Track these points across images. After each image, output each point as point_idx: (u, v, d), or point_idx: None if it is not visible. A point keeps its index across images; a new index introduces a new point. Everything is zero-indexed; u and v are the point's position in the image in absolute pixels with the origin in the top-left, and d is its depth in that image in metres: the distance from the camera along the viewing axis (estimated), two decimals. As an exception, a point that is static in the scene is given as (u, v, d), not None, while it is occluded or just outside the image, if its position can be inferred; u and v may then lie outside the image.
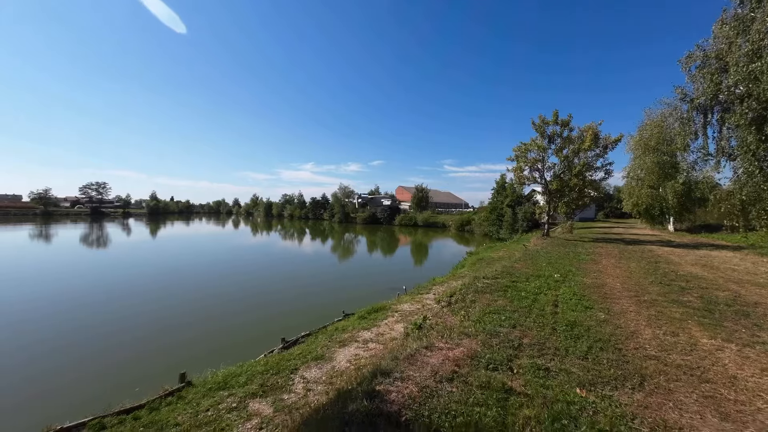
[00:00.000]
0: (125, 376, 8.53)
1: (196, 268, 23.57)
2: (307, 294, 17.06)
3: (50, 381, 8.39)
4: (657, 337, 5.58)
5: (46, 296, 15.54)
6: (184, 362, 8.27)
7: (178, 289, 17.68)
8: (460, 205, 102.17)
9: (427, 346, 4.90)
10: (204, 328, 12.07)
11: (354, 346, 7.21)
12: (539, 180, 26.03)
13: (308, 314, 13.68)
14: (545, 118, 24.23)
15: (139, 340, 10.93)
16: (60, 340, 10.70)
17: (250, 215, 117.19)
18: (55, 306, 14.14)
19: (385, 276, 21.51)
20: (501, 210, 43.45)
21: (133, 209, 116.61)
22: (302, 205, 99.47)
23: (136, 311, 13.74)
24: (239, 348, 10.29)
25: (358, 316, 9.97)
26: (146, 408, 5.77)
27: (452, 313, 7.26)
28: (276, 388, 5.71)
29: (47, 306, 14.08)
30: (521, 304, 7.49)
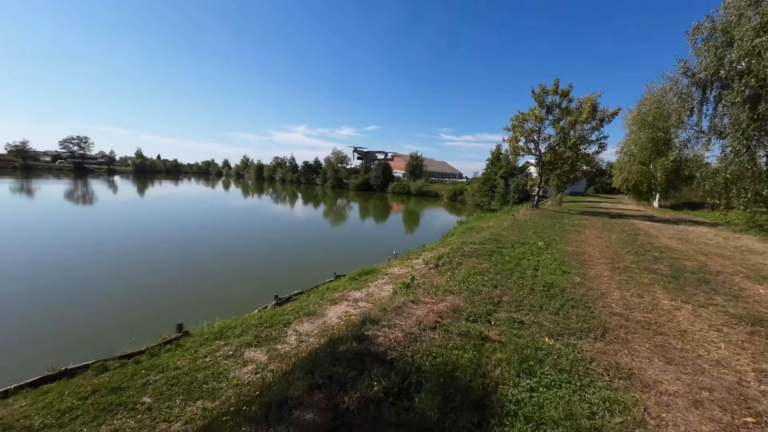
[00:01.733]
0: (123, 329, 8.90)
1: (188, 228, 23.60)
2: (300, 256, 17.47)
3: (45, 337, 8.73)
4: (624, 298, 6.09)
5: (46, 251, 15.56)
6: (180, 316, 8.64)
7: (171, 247, 17.84)
8: (454, 175, 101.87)
9: (414, 300, 5.26)
10: (198, 286, 12.44)
11: (344, 304, 7.62)
12: (534, 151, 26.02)
13: (301, 275, 14.12)
14: (546, 87, 23.69)
15: (135, 295, 11.25)
16: (61, 294, 10.95)
17: (240, 177, 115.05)
18: (56, 262, 14.25)
19: (377, 242, 21.98)
20: (494, 181, 43.69)
21: (118, 166, 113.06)
22: (294, 169, 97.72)
23: (130, 268, 13.97)
24: (233, 304, 10.70)
25: (349, 278, 10.36)
26: (146, 354, 6.14)
27: (439, 274, 7.66)
28: (270, 339, 6.11)
29: (49, 261, 14.18)
30: (504, 268, 7.92)
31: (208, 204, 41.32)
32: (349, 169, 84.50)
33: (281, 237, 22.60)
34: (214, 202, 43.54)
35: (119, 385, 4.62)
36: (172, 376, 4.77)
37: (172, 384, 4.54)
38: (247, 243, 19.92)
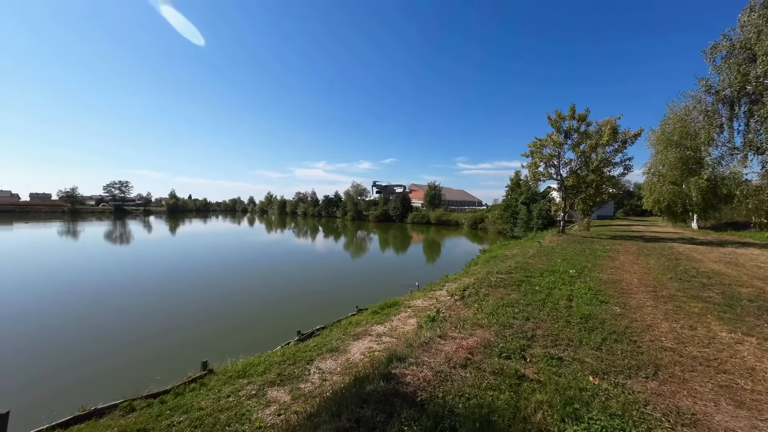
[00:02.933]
0: (150, 364, 8.99)
1: (213, 264, 24.33)
2: (322, 289, 17.39)
3: (78, 370, 8.94)
4: (674, 331, 5.52)
5: (74, 290, 16.42)
6: (205, 351, 8.67)
7: (197, 282, 18.32)
8: (473, 202, 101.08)
9: (441, 335, 5.01)
10: (222, 321, 12.52)
11: (368, 339, 7.39)
12: (555, 176, 25.56)
13: (322, 309, 13.98)
14: (561, 113, 23.75)
15: (161, 332, 11.45)
16: (85, 333, 11.34)
17: (264, 213, 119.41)
18: (83, 300, 14.94)
19: (398, 273, 21.65)
20: (515, 207, 42.85)
21: (153, 207, 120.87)
22: (315, 203, 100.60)
23: (157, 305, 14.38)
24: (257, 340, 10.66)
25: (372, 311, 10.14)
26: (171, 393, 6.11)
27: (465, 306, 7.34)
28: (293, 377, 5.95)
29: (75, 300, 14.90)
30: (535, 298, 7.49)
31: (233, 240, 42.76)
32: (368, 201, 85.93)
33: (303, 270, 22.76)
34: (239, 238, 45.02)
35: (144, 427, 4.57)
36: (196, 417, 4.67)
37: (195, 426, 4.44)
38: (269, 277, 20.16)
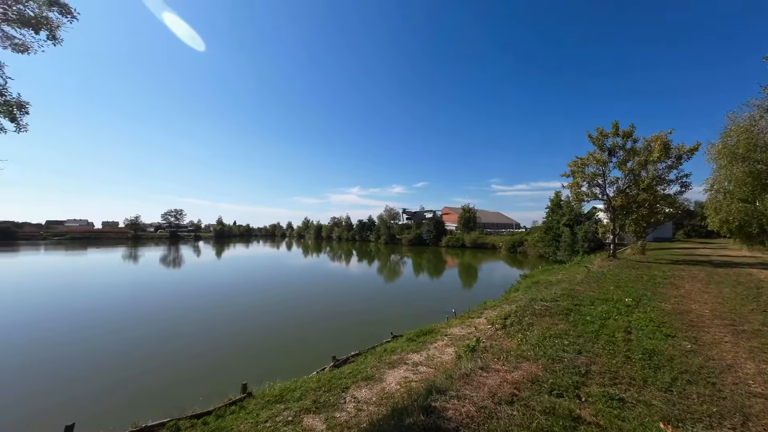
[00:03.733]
0: (193, 385, 9.34)
1: (253, 288, 25.35)
2: (356, 314, 17.30)
3: (132, 387, 9.51)
4: (764, 372, 4.70)
5: (129, 310, 17.86)
6: (244, 375, 8.87)
7: (239, 305, 19.10)
8: (510, 225, 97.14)
9: (483, 367, 4.70)
10: (261, 343, 12.81)
11: (403, 368, 7.14)
12: (600, 196, 23.96)
13: (356, 334, 13.84)
14: (603, 131, 22.61)
15: (204, 352, 11.95)
16: (137, 351, 12.14)
17: (301, 237, 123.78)
18: (136, 320, 16.16)
19: (433, 298, 21.01)
20: (557, 230, 40.43)
21: (203, 233, 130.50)
22: (349, 228, 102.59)
23: (202, 325, 15.12)
24: (293, 363, 10.75)
25: (407, 338, 9.86)
26: (213, 415, 6.28)
27: (508, 336, 6.87)
28: (328, 405, 5.86)
29: (130, 320, 16.16)
30: (587, 329, 6.84)
31: (272, 264, 44.53)
32: (401, 225, 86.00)
33: (337, 294, 22.90)
34: (277, 262, 46.78)
35: (188, 448, 4.68)
36: (235, 441, 4.72)
37: (235, 451, 4.46)
38: (305, 300, 20.51)
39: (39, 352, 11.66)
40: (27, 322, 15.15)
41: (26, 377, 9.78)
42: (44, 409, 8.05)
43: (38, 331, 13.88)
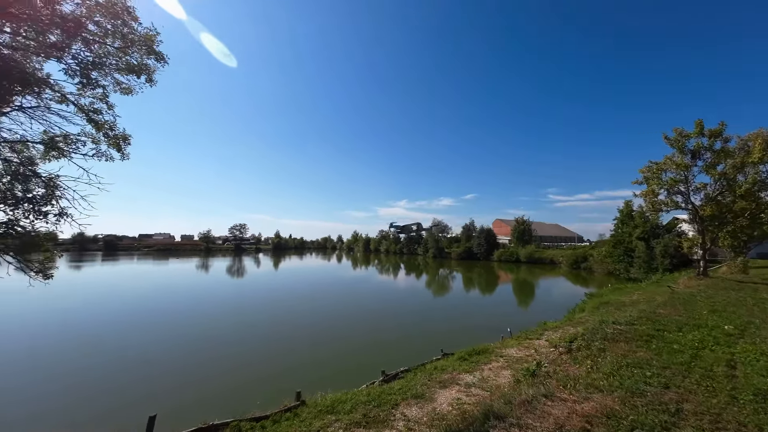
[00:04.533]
0: (252, 387, 9.93)
1: (305, 298, 26.50)
2: (404, 328, 17.06)
3: (201, 385, 10.41)
4: None
5: (199, 315, 19.78)
6: (296, 382, 9.21)
7: (292, 314, 20.07)
8: (571, 238, 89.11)
9: (547, 394, 4.26)
10: (314, 353, 13.23)
11: (455, 388, 6.83)
12: (683, 205, 20.87)
13: (404, 349, 13.60)
14: (683, 131, 19.89)
15: (262, 357, 12.69)
16: (205, 353, 13.30)
17: (351, 250, 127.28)
18: (203, 324, 17.81)
19: (485, 316, 19.89)
20: (629, 244, 35.93)
21: (262, 246, 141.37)
22: (397, 241, 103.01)
23: (261, 332, 16.13)
24: (342, 374, 10.90)
25: (458, 357, 9.45)
26: (270, 419, 6.58)
27: (574, 362, 6.17)
28: (378, 420, 5.79)
29: (199, 324, 17.86)
30: (674, 360, 5.86)
31: (323, 275, 46.32)
32: (449, 238, 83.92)
33: (385, 307, 22.88)
34: (328, 274, 48.53)
35: (248, 450, 4.93)
36: (289, 448, 4.86)
37: (289, 458, 4.59)
38: (354, 312, 20.82)
39: (127, 348, 13.43)
40: (125, 321, 17.65)
41: (119, 369, 11.30)
42: (129, 401, 9.17)
43: (131, 331, 16.07)
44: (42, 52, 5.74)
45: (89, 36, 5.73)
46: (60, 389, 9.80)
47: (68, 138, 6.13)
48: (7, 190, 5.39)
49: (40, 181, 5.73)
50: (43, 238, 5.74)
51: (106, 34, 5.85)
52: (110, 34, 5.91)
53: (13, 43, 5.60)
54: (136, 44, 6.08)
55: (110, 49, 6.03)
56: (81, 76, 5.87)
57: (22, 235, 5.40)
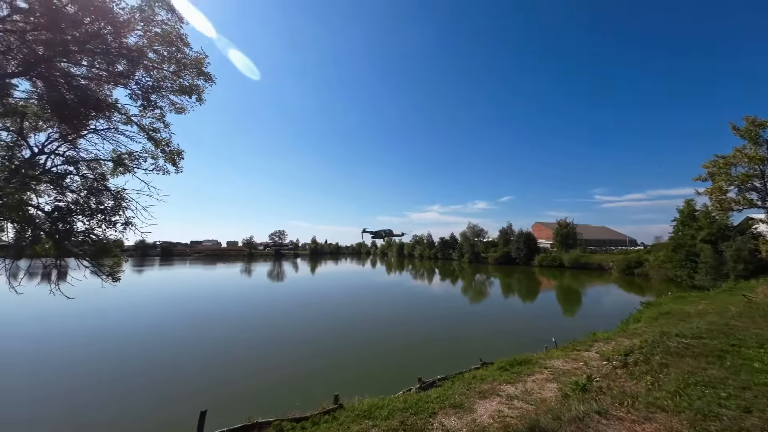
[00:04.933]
0: (292, 387, 10.25)
1: (340, 303, 26.98)
2: (439, 334, 16.70)
3: (245, 383, 10.95)
4: None
5: (240, 317, 20.88)
6: (334, 384, 9.37)
7: (328, 318, 20.51)
8: (622, 241, 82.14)
9: (601, 411, 3.91)
10: (349, 356, 13.38)
11: (496, 400, 6.55)
12: (759, 203, 18.37)
13: (441, 356, 13.31)
14: (757, 119, 17.61)
15: (301, 357, 13.07)
16: (247, 352, 13.98)
17: (385, 255, 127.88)
18: (246, 325, 18.76)
19: (526, 324, 18.87)
20: (692, 247, 32.25)
21: (300, 251, 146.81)
22: (431, 246, 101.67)
23: (299, 334, 16.65)
24: (377, 379, 10.94)
25: (498, 367, 9.07)
26: (310, 420, 6.75)
27: (631, 377, 5.61)
28: (415, 429, 5.71)
29: (243, 324, 18.84)
30: (756, 380, 5.11)
31: (358, 279, 46.94)
32: (486, 243, 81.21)
33: (420, 312, 22.59)
34: (363, 278, 49.08)
35: (289, 449, 5.08)
36: (328, 451, 4.93)
37: (328, 461, 4.66)
38: (388, 317, 20.78)
39: (181, 345, 14.53)
40: (184, 320, 19.17)
41: (172, 364, 12.24)
42: (176, 394, 9.88)
43: (184, 331, 17.40)
44: (111, 81, 6.49)
45: (149, 63, 6.39)
46: (126, 378, 10.84)
47: (132, 155, 6.85)
48: (84, 203, 6.13)
49: (110, 195, 6.45)
50: (112, 244, 6.43)
51: (163, 60, 6.49)
52: (166, 59, 6.54)
53: (88, 74, 6.39)
54: (188, 67, 6.67)
55: (166, 73, 6.67)
56: (143, 99, 6.55)
57: (96, 242, 6.09)
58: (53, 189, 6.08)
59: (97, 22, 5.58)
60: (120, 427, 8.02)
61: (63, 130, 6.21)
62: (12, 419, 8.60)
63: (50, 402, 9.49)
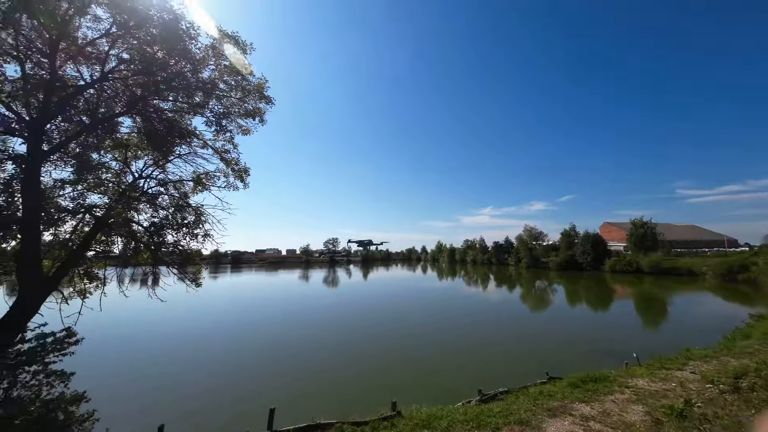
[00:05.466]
0: (351, 390, 10.49)
1: (396, 308, 27.05)
2: (498, 344, 15.79)
3: (309, 385, 11.48)
4: None
5: (298, 321, 22.05)
6: (390, 390, 9.38)
7: (384, 323, 20.68)
8: (718, 242, 70.01)
9: (703, 444, 3.32)
10: (404, 362, 13.30)
11: (568, 420, 5.96)
12: None
13: (501, 366, 12.60)
14: None
15: (353, 362, 13.33)
16: (307, 355, 14.65)
17: (435, 261, 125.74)
18: (306, 329, 19.73)
19: (598, 337, 16.96)
20: (820, 247, 26.16)
21: (352, 258, 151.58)
22: (484, 250, 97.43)
23: (356, 337, 17.05)
24: (434, 387, 10.70)
25: (569, 383, 8.27)
26: (369, 426, 6.83)
27: (747, 405, 4.68)
28: (478, 443, 5.44)
29: (305, 327, 19.86)
30: None
31: (410, 286, 46.77)
32: (546, 246, 75.32)
33: (477, 320, 21.64)
34: (415, 285, 48.77)
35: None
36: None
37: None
38: (442, 324, 20.26)
39: (257, 345, 15.83)
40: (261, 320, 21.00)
41: (239, 365, 13.37)
42: (247, 393, 10.70)
43: (256, 332, 18.97)
44: (191, 111, 7.47)
45: (220, 92, 7.23)
46: (214, 374, 12.12)
47: (208, 175, 7.77)
48: (172, 218, 7.11)
49: (192, 210, 7.38)
50: (194, 254, 7.33)
51: (231, 89, 7.30)
52: (234, 87, 7.35)
53: (173, 107, 7.44)
54: (251, 93, 7.41)
55: (234, 100, 7.48)
56: (216, 124, 7.43)
57: (182, 252, 7.00)
58: (149, 207, 7.16)
59: (179, 62, 6.50)
60: (205, 416, 8.99)
61: (155, 157, 7.29)
62: (128, 406, 10.12)
63: (165, 391, 10.96)
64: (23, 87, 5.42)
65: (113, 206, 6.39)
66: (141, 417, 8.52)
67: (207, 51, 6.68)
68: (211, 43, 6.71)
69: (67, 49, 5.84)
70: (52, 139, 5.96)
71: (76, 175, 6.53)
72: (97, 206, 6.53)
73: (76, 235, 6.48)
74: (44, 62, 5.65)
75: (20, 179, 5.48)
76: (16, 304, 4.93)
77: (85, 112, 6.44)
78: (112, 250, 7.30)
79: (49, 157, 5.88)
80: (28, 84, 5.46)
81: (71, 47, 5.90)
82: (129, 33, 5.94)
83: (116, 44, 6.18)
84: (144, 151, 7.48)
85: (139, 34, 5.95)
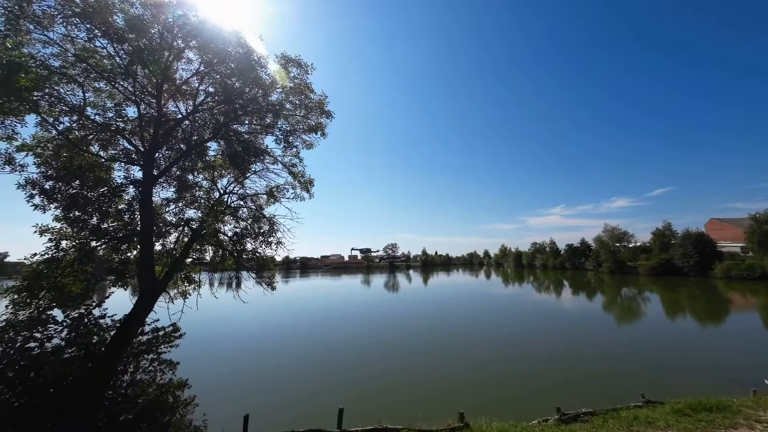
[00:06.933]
0: (418, 396, 10.38)
1: (461, 315, 26.19)
2: (577, 358, 14.13)
3: (375, 390, 11.67)
4: None
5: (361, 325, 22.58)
6: (455, 400, 9.04)
7: (446, 330, 20.14)
8: None
9: None
10: (472, 371, 12.72)
11: (676, 452, 5.03)
12: None
13: (581, 383, 11.30)
14: None
15: (418, 368, 13.14)
16: (366, 360, 14.88)
17: (500, 265, 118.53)
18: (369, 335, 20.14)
19: (710, 356, 14.08)
20: None
21: (411, 263, 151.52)
22: (556, 254, 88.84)
23: (421, 348, 16.89)
24: (503, 399, 10.05)
25: (673, 410, 7.06)
26: (438, 436, 6.67)
27: None
28: (559, 468, 4.92)
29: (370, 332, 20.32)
30: None
31: (471, 291, 44.85)
32: (632, 248, 65.69)
33: (550, 329, 19.74)
34: (478, 291, 46.62)
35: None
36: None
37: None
38: (509, 333, 18.93)
39: (332, 347, 16.76)
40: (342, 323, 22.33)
41: (313, 366, 14.18)
42: (322, 390, 11.27)
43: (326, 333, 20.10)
44: (263, 131, 8.32)
45: (287, 112, 7.93)
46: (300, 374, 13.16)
47: (279, 188, 8.53)
48: (251, 228, 7.96)
49: (266, 221, 8.18)
50: (269, 260, 8.08)
51: (296, 108, 7.96)
52: (298, 106, 7.99)
53: (249, 130, 8.37)
54: (313, 110, 7.97)
55: (298, 117, 8.13)
56: (284, 141, 8.15)
57: (259, 259, 7.79)
58: (232, 219, 8.13)
59: (253, 89, 7.32)
60: (281, 409, 9.78)
61: (236, 175, 8.26)
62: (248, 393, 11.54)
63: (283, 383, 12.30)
64: (139, 124, 6.65)
65: (205, 219, 7.41)
66: (230, 405, 9.60)
67: (274, 76, 7.40)
68: (278, 69, 7.41)
69: (168, 89, 7.00)
70: (159, 165, 7.18)
71: (177, 194, 7.77)
72: (192, 220, 7.65)
73: (178, 245, 7.66)
74: (153, 102, 6.86)
75: (138, 200, 6.70)
76: (138, 303, 6.00)
77: (182, 141, 7.63)
78: (204, 257, 8.44)
79: (158, 180, 7.08)
80: (143, 122, 6.67)
81: (171, 87, 7.07)
82: (213, 69, 6.90)
83: (204, 80, 7.21)
84: (227, 170, 8.51)
85: (221, 69, 6.86)
